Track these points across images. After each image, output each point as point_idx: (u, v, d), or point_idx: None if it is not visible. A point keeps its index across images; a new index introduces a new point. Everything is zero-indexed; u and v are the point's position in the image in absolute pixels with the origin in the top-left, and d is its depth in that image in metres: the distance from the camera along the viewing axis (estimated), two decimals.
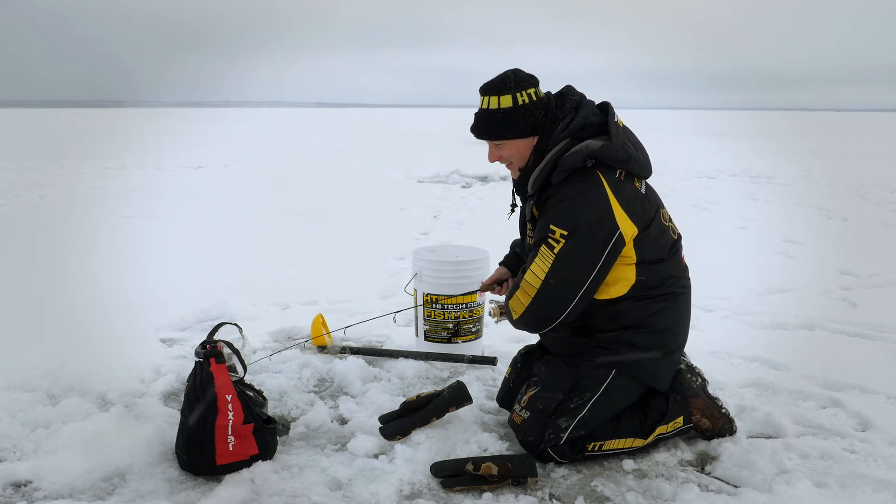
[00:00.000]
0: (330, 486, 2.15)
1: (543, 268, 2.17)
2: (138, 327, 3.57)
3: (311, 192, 9.32)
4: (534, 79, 2.30)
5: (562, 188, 2.21)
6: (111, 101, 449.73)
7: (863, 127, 39.25)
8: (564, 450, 2.25)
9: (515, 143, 2.30)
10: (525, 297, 2.22)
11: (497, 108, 2.26)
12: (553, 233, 2.16)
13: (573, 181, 2.20)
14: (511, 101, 2.25)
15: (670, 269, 2.32)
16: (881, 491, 2.13)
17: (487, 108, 2.29)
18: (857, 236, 6.64)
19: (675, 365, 2.41)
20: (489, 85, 2.29)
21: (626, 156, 2.24)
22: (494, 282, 2.77)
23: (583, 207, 2.16)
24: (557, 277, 2.17)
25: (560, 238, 2.15)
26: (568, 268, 2.16)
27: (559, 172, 2.20)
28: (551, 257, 2.16)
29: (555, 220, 2.17)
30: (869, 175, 11.82)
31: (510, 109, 2.25)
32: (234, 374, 2.25)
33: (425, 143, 20.83)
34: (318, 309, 3.86)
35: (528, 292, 2.21)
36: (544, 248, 2.17)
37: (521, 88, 2.26)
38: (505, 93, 2.25)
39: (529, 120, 2.26)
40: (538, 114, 2.27)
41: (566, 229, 2.15)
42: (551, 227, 2.17)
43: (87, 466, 2.19)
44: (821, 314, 3.95)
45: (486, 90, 2.29)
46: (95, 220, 7.05)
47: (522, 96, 2.25)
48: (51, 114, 58.03)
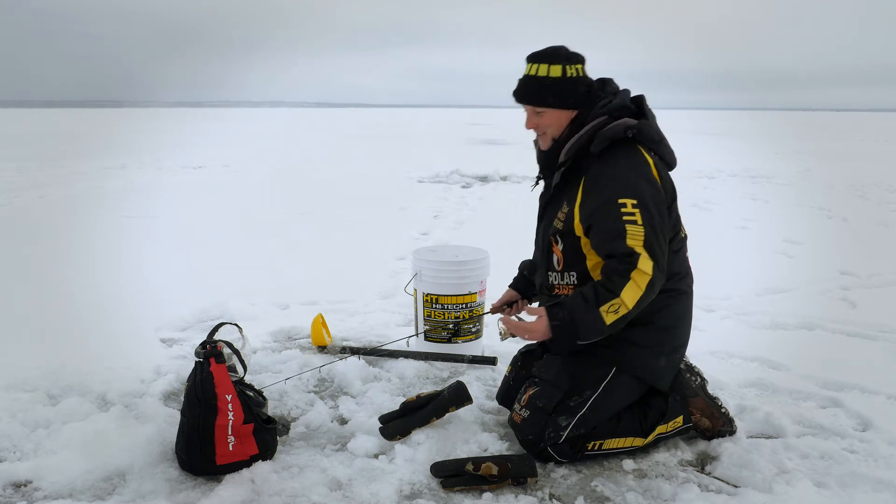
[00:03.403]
0: (330, 486, 2.15)
1: (638, 237, 2.11)
2: (138, 327, 3.57)
3: (310, 192, 9.31)
4: (582, 57, 2.34)
5: (607, 160, 2.23)
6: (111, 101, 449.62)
7: (863, 127, 39.26)
8: (564, 449, 2.25)
9: (557, 112, 2.33)
10: (642, 277, 2.10)
11: (546, 75, 2.29)
12: (625, 205, 2.14)
13: (618, 153, 2.23)
14: (560, 71, 2.29)
15: (676, 266, 2.32)
16: (881, 491, 2.13)
17: (535, 75, 2.31)
18: (857, 236, 6.64)
19: (677, 364, 2.42)
20: (540, 53, 2.32)
21: (660, 137, 2.33)
22: (504, 304, 2.77)
23: (638, 175, 2.20)
24: (655, 241, 2.13)
25: (633, 208, 2.13)
26: (657, 230, 2.15)
27: (599, 141, 2.22)
28: (640, 229, 2.12)
29: (619, 193, 2.15)
30: (869, 175, 11.82)
31: (558, 79, 2.29)
32: (234, 374, 2.25)
33: (425, 143, 20.84)
34: (318, 309, 3.85)
35: (646, 268, 2.10)
36: (629, 226, 2.12)
37: (571, 62, 2.30)
38: (556, 62, 2.29)
39: (574, 93, 2.30)
40: (582, 89, 2.31)
41: (634, 198, 2.14)
42: (620, 201, 2.14)
43: (87, 466, 2.19)
44: (821, 314, 3.96)
45: (536, 58, 2.32)
46: (95, 220, 7.05)
47: (571, 69, 2.30)
48: (51, 114, 57.99)
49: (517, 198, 8.97)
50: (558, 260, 2.37)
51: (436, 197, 9.07)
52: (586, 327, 2.12)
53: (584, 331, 2.13)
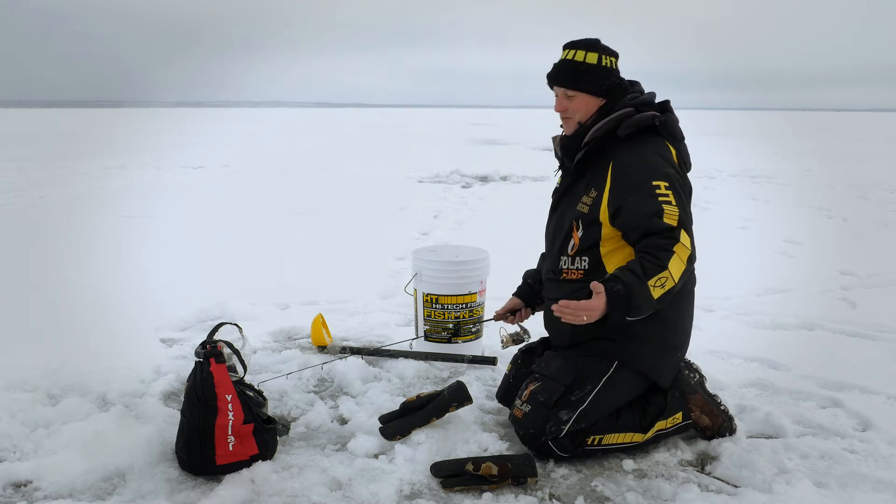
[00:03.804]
0: (330, 486, 2.15)
1: (674, 216, 2.17)
2: (138, 327, 3.57)
3: (311, 192, 9.32)
4: (617, 53, 2.44)
5: (634, 145, 2.30)
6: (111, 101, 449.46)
7: (863, 127, 39.26)
8: (565, 443, 2.25)
9: (587, 98, 2.39)
10: (683, 251, 2.16)
11: (583, 61, 2.38)
12: (658, 187, 2.21)
13: (644, 140, 2.31)
14: (597, 59, 2.38)
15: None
16: (881, 491, 2.13)
17: (573, 60, 2.39)
18: (857, 236, 6.64)
19: (678, 362, 2.43)
20: (579, 41, 2.41)
21: (682, 136, 2.42)
22: (508, 311, 2.78)
23: (666, 161, 2.29)
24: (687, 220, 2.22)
25: (666, 190, 2.20)
26: (687, 210, 2.25)
27: (627, 126, 2.30)
28: (675, 209, 2.18)
29: (652, 175, 2.23)
30: (869, 175, 11.83)
31: (594, 66, 2.37)
32: (234, 374, 2.25)
33: (425, 143, 20.84)
34: (318, 309, 3.85)
35: (686, 243, 2.17)
36: (665, 206, 2.17)
37: (607, 53, 2.40)
38: (594, 51, 2.38)
39: (606, 82, 2.38)
40: (614, 80, 2.40)
41: (666, 180, 2.22)
42: (654, 183, 2.21)
43: (87, 466, 2.19)
44: (821, 314, 3.96)
45: (574, 45, 2.40)
46: (95, 220, 7.05)
47: (606, 60, 2.39)
48: (51, 114, 57.97)
49: (517, 198, 8.98)
50: (574, 245, 2.39)
51: (436, 197, 9.07)
52: (639, 300, 2.09)
53: (637, 302, 2.09)
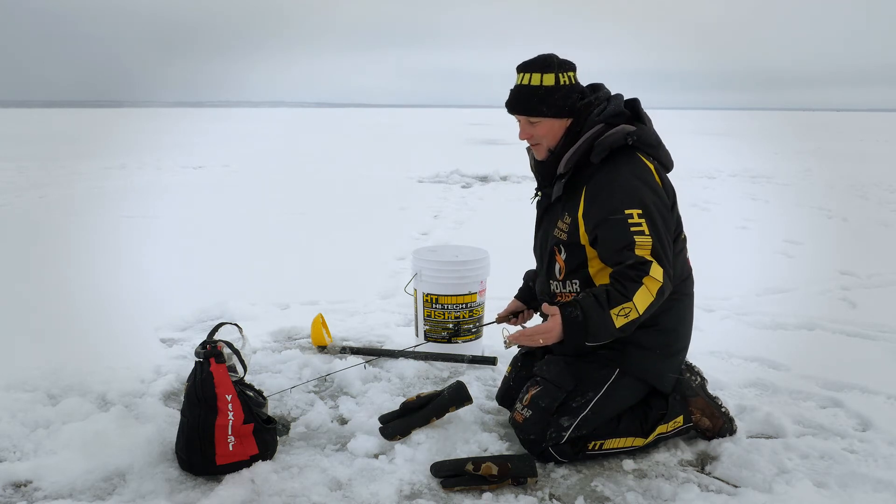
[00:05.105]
0: (330, 486, 2.15)
1: (647, 247, 2.11)
2: (138, 327, 3.56)
3: (310, 192, 9.32)
4: (574, 64, 2.32)
5: (608, 168, 2.21)
6: (111, 101, 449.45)
7: (863, 127, 39.23)
8: (566, 449, 2.25)
9: (551, 122, 2.30)
10: (653, 283, 2.09)
11: (539, 84, 2.26)
12: (631, 216, 2.13)
13: (619, 161, 2.22)
14: (553, 79, 2.26)
15: (678, 269, 2.31)
16: (881, 491, 2.13)
17: (528, 84, 2.28)
18: (857, 236, 6.64)
19: (679, 366, 2.42)
20: (531, 62, 2.29)
21: (657, 141, 2.31)
22: (510, 313, 2.77)
23: (642, 182, 2.19)
24: (661, 250, 2.13)
25: (639, 218, 2.13)
26: (662, 239, 2.15)
27: (599, 151, 2.21)
28: (648, 239, 2.11)
29: (624, 203, 2.14)
30: (869, 175, 11.82)
31: (552, 87, 2.26)
32: (234, 374, 2.25)
33: (425, 143, 20.83)
34: (318, 309, 3.85)
35: (657, 276, 2.09)
36: (637, 237, 2.11)
37: (563, 70, 2.28)
38: (548, 71, 2.26)
39: (568, 101, 2.27)
40: (576, 97, 2.29)
41: (639, 207, 2.14)
42: (626, 212, 2.13)
43: (87, 466, 2.19)
44: (821, 314, 3.95)
45: (527, 67, 2.29)
46: (95, 220, 7.05)
47: (564, 77, 2.27)
48: (51, 114, 57.97)
49: (517, 198, 8.97)
50: (560, 269, 2.37)
51: (436, 197, 9.07)
52: (596, 327, 2.09)
53: (593, 330, 2.09)
